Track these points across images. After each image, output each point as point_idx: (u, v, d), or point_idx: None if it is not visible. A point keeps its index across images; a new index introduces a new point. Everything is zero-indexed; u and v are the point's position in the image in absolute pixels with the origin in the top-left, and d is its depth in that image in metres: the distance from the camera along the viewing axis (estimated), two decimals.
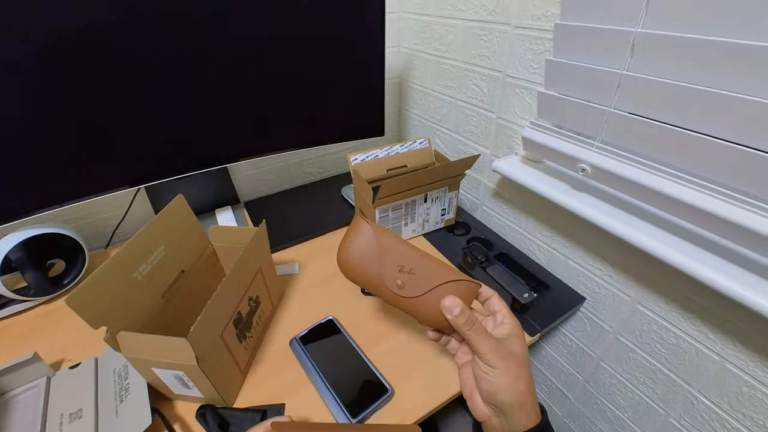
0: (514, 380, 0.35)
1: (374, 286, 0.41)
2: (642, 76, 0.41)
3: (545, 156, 0.58)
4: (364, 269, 0.40)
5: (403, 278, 0.39)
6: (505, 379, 0.34)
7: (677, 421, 0.56)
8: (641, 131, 0.43)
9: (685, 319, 0.51)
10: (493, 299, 0.41)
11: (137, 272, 0.42)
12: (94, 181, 0.59)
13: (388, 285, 0.40)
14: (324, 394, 0.47)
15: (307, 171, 0.95)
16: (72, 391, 0.47)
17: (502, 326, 0.38)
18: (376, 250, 0.40)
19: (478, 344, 0.36)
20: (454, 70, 0.74)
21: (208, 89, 0.59)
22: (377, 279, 0.40)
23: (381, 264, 0.40)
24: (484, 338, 0.36)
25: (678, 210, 0.43)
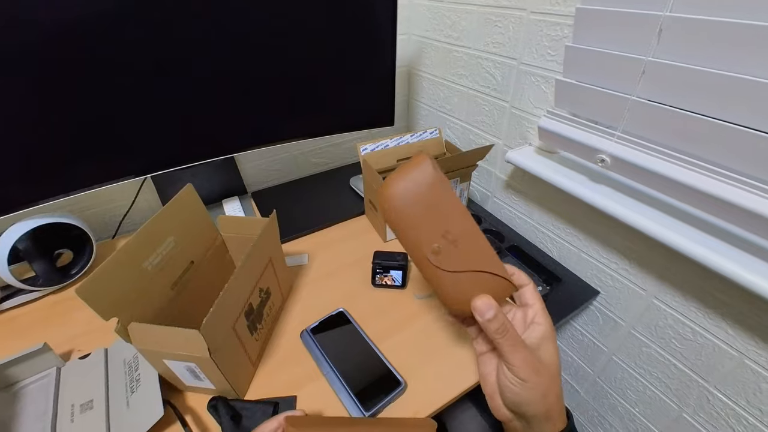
0: (543, 394, 0.32)
1: (409, 241, 0.35)
2: (669, 62, 0.40)
3: (562, 146, 0.57)
4: (406, 214, 0.34)
5: (442, 244, 0.33)
6: (535, 394, 0.31)
7: (691, 417, 0.56)
8: (666, 121, 0.42)
9: (703, 314, 0.50)
10: (528, 290, 0.36)
11: (147, 263, 0.42)
12: (100, 171, 0.58)
13: (423, 243, 0.34)
14: (336, 387, 0.46)
15: (314, 161, 0.94)
16: (82, 381, 0.46)
17: (535, 327, 0.34)
18: (427, 198, 0.33)
19: (509, 355, 0.32)
20: (467, 58, 0.72)
21: (215, 78, 0.58)
22: (415, 233, 0.34)
23: (426, 216, 0.33)
24: (517, 350, 0.32)
25: (702, 202, 0.41)
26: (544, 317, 0.35)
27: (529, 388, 0.31)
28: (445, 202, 0.33)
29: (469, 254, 0.34)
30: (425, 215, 0.33)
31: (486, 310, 0.33)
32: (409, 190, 0.33)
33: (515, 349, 0.32)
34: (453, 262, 0.34)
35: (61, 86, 0.49)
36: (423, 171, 0.33)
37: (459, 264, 0.34)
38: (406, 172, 0.34)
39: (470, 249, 0.34)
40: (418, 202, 0.33)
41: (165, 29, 0.52)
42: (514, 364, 0.32)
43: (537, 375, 0.32)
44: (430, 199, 0.33)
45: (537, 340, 0.34)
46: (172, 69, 0.55)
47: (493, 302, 0.34)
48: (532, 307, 0.35)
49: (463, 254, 0.34)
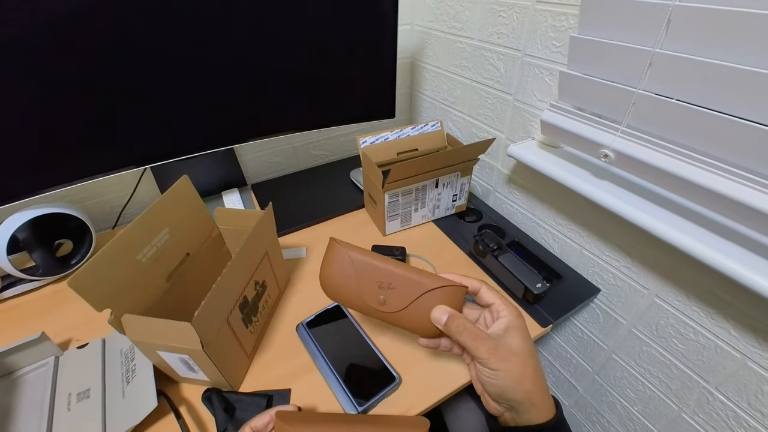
0: (518, 380, 0.33)
1: (358, 306, 0.41)
2: (678, 54, 0.38)
3: (565, 141, 0.55)
4: (345, 290, 0.41)
5: (383, 294, 0.39)
6: (509, 380, 0.33)
7: (690, 417, 0.55)
8: (673, 115, 0.40)
9: (706, 315, 0.49)
10: (482, 292, 0.38)
11: (141, 254, 0.42)
12: (100, 161, 0.58)
13: (369, 303, 0.40)
14: (330, 381, 0.46)
15: (314, 154, 0.93)
16: (80, 370, 0.47)
17: (500, 320, 0.36)
18: (352, 271, 0.40)
19: (475, 350, 0.34)
20: (470, 49, 0.71)
21: (215, 69, 0.57)
22: (359, 299, 0.40)
23: (359, 284, 0.40)
24: (480, 343, 0.34)
25: (709, 200, 0.40)
26: (506, 309, 0.36)
27: (501, 377, 0.33)
28: (364, 263, 0.40)
29: (407, 287, 0.39)
30: (357, 282, 0.40)
31: (440, 316, 0.37)
32: (336, 272, 0.41)
33: (478, 342, 0.34)
34: (399, 301, 0.39)
35: (62, 76, 0.49)
36: (337, 253, 0.41)
37: (404, 300, 0.39)
38: (327, 261, 0.41)
39: (404, 283, 0.39)
40: (346, 276, 0.40)
41: (167, 21, 0.51)
42: (480, 356, 0.34)
43: (505, 362, 0.33)
44: (352, 268, 0.40)
45: (501, 330, 0.35)
46: (172, 61, 0.54)
47: (445, 308, 0.37)
48: (493, 304, 0.37)
49: (402, 291, 0.39)
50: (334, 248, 0.41)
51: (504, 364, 0.33)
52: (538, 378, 0.34)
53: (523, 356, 0.34)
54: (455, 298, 0.38)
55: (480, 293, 0.39)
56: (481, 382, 0.36)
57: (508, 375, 0.33)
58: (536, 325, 0.53)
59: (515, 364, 0.33)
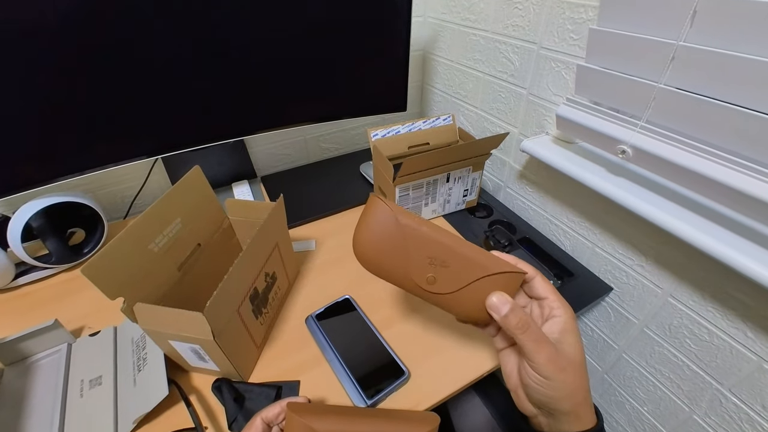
0: (571, 392, 0.30)
1: (400, 281, 0.34)
2: (703, 47, 0.37)
3: (581, 136, 0.54)
4: (386, 262, 0.34)
5: (434, 272, 0.33)
6: (562, 392, 0.30)
7: (702, 419, 0.54)
8: (695, 111, 0.39)
9: (721, 315, 0.48)
10: (537, 282, 0.34)
11: (153, 244, 0.42)
12: (112, 151, 0.58)
13: (416, 280, 0.33)
14: (339, 374, 0.46)
15: (324, 147, 0.93)
16: (92, 358, 0.47)
17: (554, 320, 0.32)
18: (399, 239, 0.33)
19: (533, 354, 0.30)
20: (484, 42, 0.69)
21: (226, 60, 0.57)
22: (403, 273, 0.34)
23: (406, 255, 0.33)
24: (541, 346, 0.30)
25: (731, 199, 0.39)
26: (562, 308, 0.32)
27: (554, 387, 0.30)
28: (417, 232, 0.33)
29: (464, 267, 0.33)
30: (404, 253, 0.33)
31: (501, 306, 0.32)
32: (378, 238, 0.33)
33: (538, 345, 0.30)
34: (451, 282, 0.33)
35: (77, 66, 0.49)
36: (382, 215, 0.33)
37: (459, 281, 0.33)
38: (368, 223, 0.34)
39: (462, 262, 0.33)
40: (391, 244, 0.33)
41: (181, 11, 0.51)
42: (537, 362, 0.30)
43: (563, 372, 0.30)
44: (399, 236, 0.33)
45: (558, 333, 0.31)
46: (184, 52, 0.54)
47: (507, 297, 0.32)
48: (546, 298, 0.33)
49: (457, 271, 0.33)
50: (377, 207, 0.33)
51: (561, 374, 0.30)
52: (587, 390, 0.31)
53: (578, 365, 0.31)
54: (513, 287, 0.34)
55: (533, 283, 0.34)
56: (524, 384, 0.32)
57: (562, 386, 0.30)
58: None
59: (572, 375, 0.30)
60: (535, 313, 0.35)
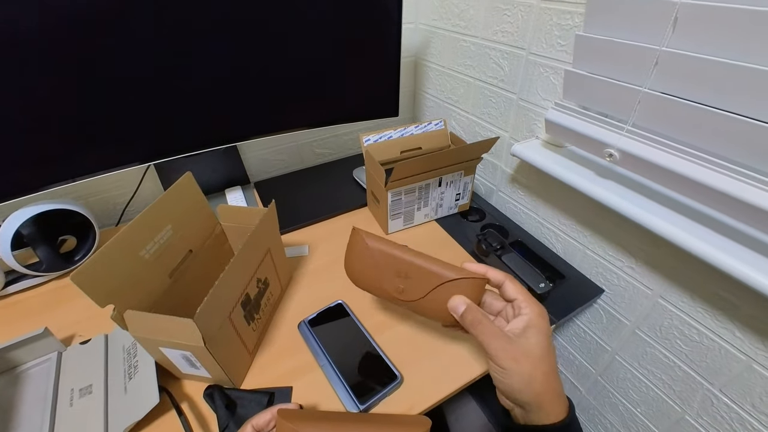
0: (527, 382, 0.32)
1: (380, 293, 0.43)
2: (685, 52, 0.38)
3: (569, 140, 0.55)
4: (367, 278, 0.43)
5: (402, 283, 0.41)
6: (518, 381, 0.32)
7: (694, 419, 0.54)
8: (679, 114, 0.40)
9: (711, 316, 0.48)
10: (507, 285, 0.38)
11: (144, 251, 0.42)
12: (104, 158, 0.58)
13: (389, 290, 0.41)
14: (332, 379, 0.46)
15: (317, 152, 0.93)
16: (82, 366, 0.47)
17: (520, 317, 0.35)
18: (371, 260, 0.42)
19: (486, 345, 0.34)
20: (474, 48, 0.70)
21: (220, 66, 0.57)
22: (378, 286, 0.42)
23: (379, 272, 0.41)
24: (492, 338, 0.34)
25: (715, 201, 0.40)
26: (528, 306, 0.36)
27: (510, 376, 0.33)
28: (382, 252, 0.41)
29: (424, 278, 0.39)
30: (378, 271, 0.42)
31: (457, 306, 0.37)
32: (358, 261, 0.43)
33: (491, 338, 0.34)
34: (417, 290, 0.40)
35: (66, 73, 0.49)
36: (357, 242, 0.43)
37: (422, 289, 0.40)
38: (349, 250, 0.44)
39: (422, 274, 0.40)
40: (367, 265, 0.42)
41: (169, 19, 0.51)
42: (491, 353, 0.34)
43: (516, 363, 0.33)
44: (371, 258, 0.42)
45: (520, 329, 0.35)
46: (175, 59, 0.54)
47: (463, 299, 0.37)
48: (516, 299, 0.37)
49: (419, 281, 0.40)
50: (354, 237, 0.43)
51: (514, 364, 0.33)
52: (549, 381, 0.33)
53: (536, 358, 0.33)
54: (475, 290, 0.38)
55: (503, 287, 0.38)
56: (492, 379, 0.35)
57: (517, 376, 0.32)
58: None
59: (525, 365, 0.33)
60: (509, 314, 0.38)
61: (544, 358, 0.33)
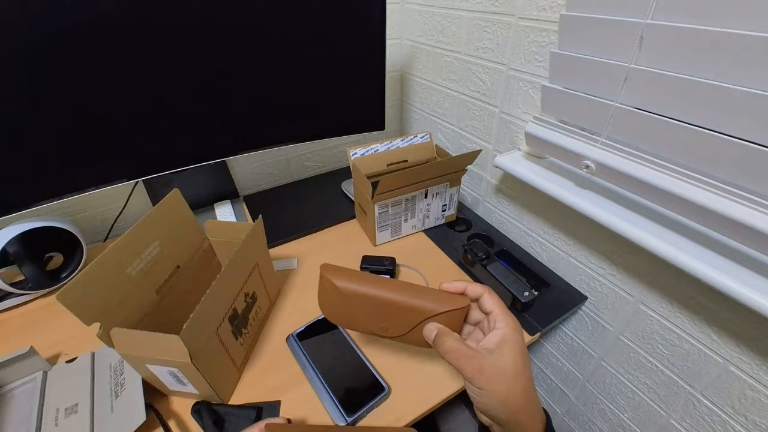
0: (503, 401, 0.32)
1: (362, 331, 0.41)
2: (651, 69, 0.40)
3: (549, 152, 0.57)
4: (345, 320, 0.41)
5: (384, 323, 0.39)
6: (494, 401, 0.32)
7: (678, 423, 0.56)
8: (648, 127, 0.42)
9: (689, 321, 0.50)
10: (485, 298, 0.37)
11: (131, 268, 0.42)
12: (91, 174, 0.58)
13: (372, 329, 0.40)
14: (320, 392, 0.46)
15: (306, 165, 0.94)
16: (68, 385, 0.47)
17: (494, 332, 0.35)
18: (344, 302, 0.39)
19: (461, 370, 0.34)
20: (457, 63, 0.73)
21: (207, 82, 0.58)
22: (361, 326, 0.40)
23: (358, 314, 0.39)
24: (464, 363, 0.34)
25: (685, 209, 0.41)
26: (503, 321, 0.35)
27: (487, 396, 0.33)
28: (357, 295, 0.38)
29: (405, 315, 0.38)
30: (356, 312, 0.39)
31: (429, 333, 0.37)
32: (332, 304, 0.40)
33: (462, 362, 0.34)
34: (400, 327, 0.39)
35: (53, 90, 0.50)
36: (327, 287, 0.40)
37: (406, 325, 0.39)
38: (320, 293, 0.41)
39: (401, 312, 0.38)
40: (343, 306, 0.40)
41: (158, 37, 0.52)
42: (466, 376, 0.33)
43: (491, 383, 0.33)
44: (345, 301, 0.39)
45: (494, 345, 0.34)
46: (163, 76, 0.55)
47: (435, 326, 0.37)
48: (492, 312, 0.37)
49: (401, 318, 0.38)
50: (322, 278, 0.40)
51: (489, 384, 0.32)
52: (526, 398, 0.33)
53: (512, 376, 0.33)
54: (455, 319, 0.38)
55: (481, 300, 0.38)
56: (470, 396, 0.35)
57: (493, 395, 0.32)
58: (524, 333, 0.54)
59: (501, 384, 0.33)
60: (485, 327, 0.38)
61: (519, 376, 0.33)
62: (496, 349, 0.34)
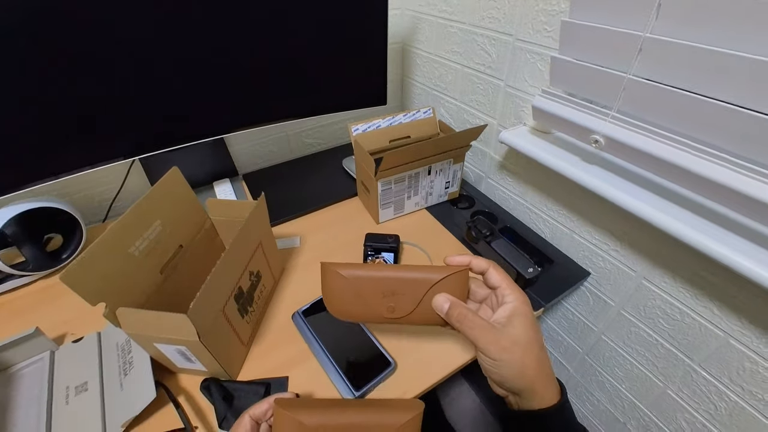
0: (519, 370, 0.33)
1: (370, 319, 0.41)
2: (667, 39, 0.38)
3: (557, 127, 0.55)
4: (352, 310, 0.40)
5: (391, 302, 0.39)
6: (510, 371, 0.33)
7: (675, 393, 0.57)
8: (662, 100, 0.41)
9: (691, 295, 0.50)
10: (491, 273, 0.37)
11: (134, 248, 0.41)
12: (87, 153, 0.57)
13: (381, 313, 0.39)
14: (327, 368, 0.47)
15: (306, 142, 0.92)
16: (76, 364, 0.47)
17: (504, 306, 0.35)
18: (352, 290, 0.39)
19: (475, 340, 0.34)
20: (461, 34, 0.70)
21: (204, 57, 0.56)
22: (369, 312, 0.40)
23: (364, 300, 0.39)
24: (480, 333, 0.34)
25: (698, 185, 0.41)
26: (512, 293, 0.36)
27: (502, 366, 0.33)
28: (362, 278, 0.39)
29: (412, 288, 0.38)
30: (363, 299, 0.39)
31: (441, 305, 0.37)
32: (338, 295, 0.40)
33: (479, 333, 0.34)
34: (407, 304, 0.39)
35: (48, 65, 0.47)
36: (332, 278, 0.40)
37: (412, 301, 0.38)
38: (325, 286, 0.40)
39: (407, 286, 0.38)
40: (349, 296, 0.39)
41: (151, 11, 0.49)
42: (481, 346, 0.33)
43: (506, 352, 0.33)
44: (351, 288, 0.39)
45: (505, 318, 0.34)
46: (158, 51, 0.53)
47: (445, 296, 0.37)
48: (500, 287, 0.36)
49: (408, 293, 0.38)
50: (327, 273, 0.40)
51: (505, 354, 0.32)
52: (541, 366, 0.33)
53: (526, 345, 0.33)
54: (459, 284, 0.38)
55: (487, 274, 0.38)
56: (484, 369, 0.35)
57: (509, 365, 0.32)
58: None
59: (516, 354, 0.33)
60: (492, 302, 0.38)
61: (532, 344, 0.33)
62: (508, 323, 0.34)
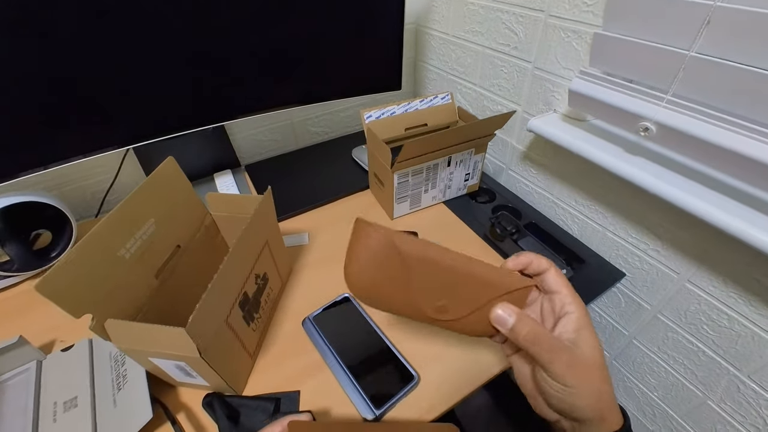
0: (597, 397, 0.27)
1: (405, 313, 0.31)
2: (745, 8, 0.32)
3: (596, 113, 0.50)
4: (386, 294, 0.30)
5: (445, 299, 0.30)
6: (585, 399, 0.27)
7: (716, 405, 0.53)
8: (732, 81, 0.35)
9: (744, 301, 0.45)
10: (550, 275, 0.31)
11: (123, 250, 0.36)
12: (78, 142, 0.52)
13: (424, 310, 0.30)
14: (342, 381, 0.42)
15: (312, 131, 0.87)
16: (65, 376, 0.42)
17: (568, 317, 0.29)
18: (399, 270, 0.29)
19: (548, 364, 0.27)
20: (483, 12, 0.64)
21: (200, 39, 0.51)
22: (408, 305, 0.30)
23: (409, 285, 0.29)
24: (556, 356, 0.27)
25: (763, 177, 0.35)
26: (575, 303, 0.30)
27: (576, 395, 0.27)
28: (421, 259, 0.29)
29: (475, 290, 0.30)
30: (407, 284, 0.29)
31: (506, 317, 0.29)
32: (376, 270, 0.29)
33: (553, 355, 0.27)
34: (461, 307, 0.31)
35: (36, 46, 0.42)
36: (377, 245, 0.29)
37: (471, 304, 0.30)
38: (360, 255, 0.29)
39: (474, 286, 0.30)
40: (391, 276, 0.29)
41: None
42: (555, 372, 0.27)
43: (584, 380, 0.27)
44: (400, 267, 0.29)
45: (573, 333, 0.28)
46: (154, 32, 0.47)
47: (513, 309, 0.30)
48: (559, 293, 0.30)
49: (467, 295, 0.30)
50: (369, 236, 0.29)
51: (582, 381, 0.27)
52: (611, 391, 0.29)
53: (599, 368, 0.28)
54: (523, 298, 0.32)
55: (546, 276, 0.31)
56: (542, 392, 0.29)
57: (585, 393, 0.27)
58: None
59: (594, 380, 0.27)
60: (546, 309, 0.32)
61: (604, 366, 0.28)
62: (577, 338, 0.28)
